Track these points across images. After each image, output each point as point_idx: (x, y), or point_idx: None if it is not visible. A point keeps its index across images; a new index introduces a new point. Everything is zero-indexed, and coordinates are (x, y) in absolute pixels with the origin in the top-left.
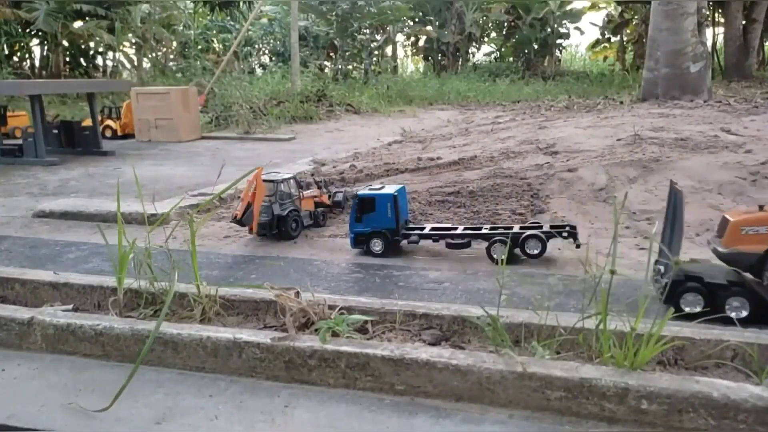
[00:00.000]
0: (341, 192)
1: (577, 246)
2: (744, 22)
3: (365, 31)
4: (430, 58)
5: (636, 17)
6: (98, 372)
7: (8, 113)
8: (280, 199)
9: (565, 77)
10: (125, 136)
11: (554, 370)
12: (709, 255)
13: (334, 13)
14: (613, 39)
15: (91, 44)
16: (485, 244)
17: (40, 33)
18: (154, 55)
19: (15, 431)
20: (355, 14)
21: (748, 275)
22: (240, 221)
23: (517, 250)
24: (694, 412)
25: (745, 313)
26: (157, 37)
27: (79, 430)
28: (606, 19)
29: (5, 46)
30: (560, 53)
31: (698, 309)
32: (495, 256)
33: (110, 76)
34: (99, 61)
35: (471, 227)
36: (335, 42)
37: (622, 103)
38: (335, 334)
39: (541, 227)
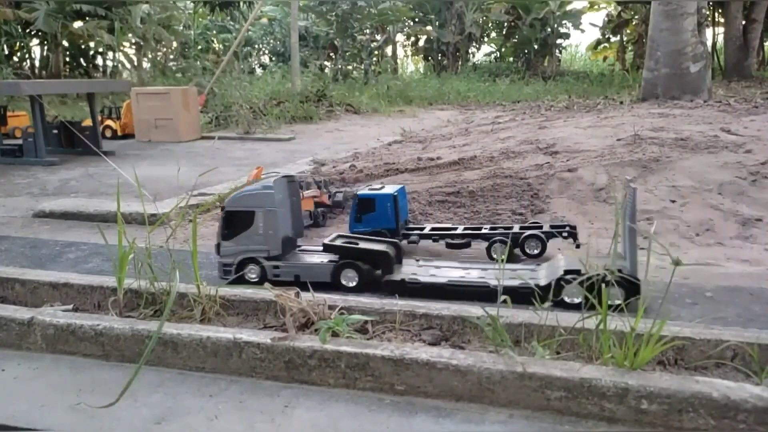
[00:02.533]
0: (341, 192)
1: (577, 246)
2: (744, 22)
3: (365, 31)
4: (430, 58)
5: (636, 17)
6: (98, 372)
7: (8, 113)
8: None
9: (565, 77)
10: (125, 136)
11: (554, 370)
12: (709, 255)
13: (334, 14)
14: (613, 39)
15: (91, 44)
16: (485, 244)
17: (40, 33)
18: (154, 55)
19: (15, 431)
20: (355, 15)
21: None
22: None
23: (517, 250)
24: (694, 412)
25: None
26: (157, 37)
27: (80, 430)
28: (606, 19)
29: (5, 46)
30: (560, 53)
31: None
32: (495, 256)
33: (110, 76)
34: (99, 61)
35: (471, 227)
36: (335, 42)
37: (622, 103)
38: (335, 334)
39: (541, 227)
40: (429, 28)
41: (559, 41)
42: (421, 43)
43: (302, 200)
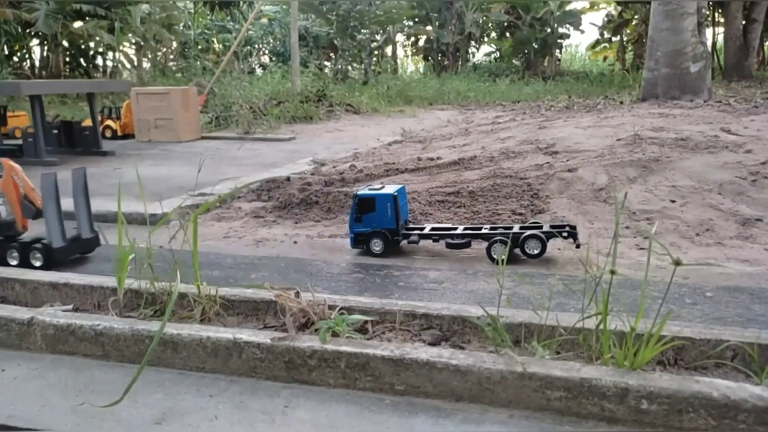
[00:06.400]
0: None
1: (577, 246)
2: (744, 22)
3: (365, 31)
4: (430, 58)
5: (636, 17)
6: (98, 372)
7: (8, 113)
8: None
9: (565, 77)
10: (125, 136)
11: (554, 370)
12: (709, 255)
13: (334, 13)
14: (613, 39)
15: (91, 44)
16: (485, 244)
17: (40, 33)
18: (154, 55)
19: (15, 431)
20: (358, 15)
21: None
22: None
23: (517, 250)
24: (694, 412)
25: None
26: (157, 37)
27: (80, 430)
28: (606, 19)
29: (5, 47)
30: (560, 53)
31: None
32: (495, 256)
33: (110, 76)
34: (99, 61)
35: (471, 227)
36: (335, 42)
37: (622, 103)
38: (335, 334)
39: (541, 227)
40: (429, 28)
41: (558, 41)
42: (421, 43)
43: None
